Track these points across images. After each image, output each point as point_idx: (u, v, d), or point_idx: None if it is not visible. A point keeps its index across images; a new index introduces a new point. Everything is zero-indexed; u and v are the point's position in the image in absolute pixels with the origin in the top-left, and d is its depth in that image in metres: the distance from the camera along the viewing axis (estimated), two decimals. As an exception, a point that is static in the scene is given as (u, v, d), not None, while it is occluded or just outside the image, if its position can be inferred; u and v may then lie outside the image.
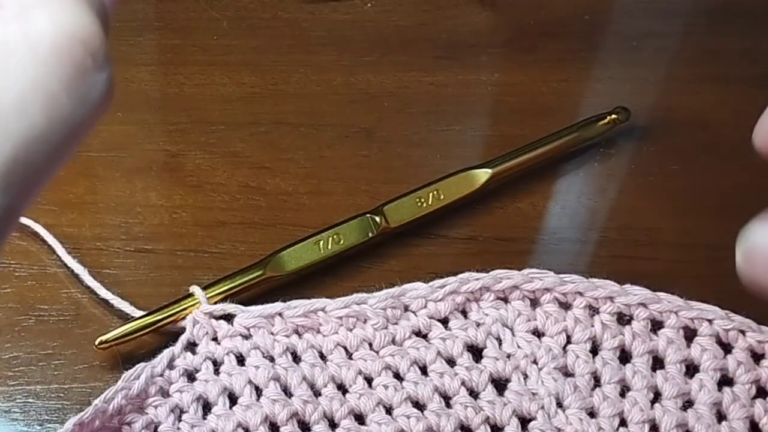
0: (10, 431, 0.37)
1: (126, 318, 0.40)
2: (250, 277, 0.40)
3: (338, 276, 0.42)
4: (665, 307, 0.38)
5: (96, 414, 0.35)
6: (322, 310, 0.38)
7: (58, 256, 0.42)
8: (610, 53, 0.55)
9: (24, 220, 0.43)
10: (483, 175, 0.45)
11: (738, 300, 0.40)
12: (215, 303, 0.39)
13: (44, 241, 0.43)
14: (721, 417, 0.36)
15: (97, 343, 0.38)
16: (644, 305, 0.38)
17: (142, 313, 0.39)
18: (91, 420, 0.34)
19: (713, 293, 0.41)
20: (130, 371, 0.36)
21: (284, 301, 0.39)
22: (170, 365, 0.37)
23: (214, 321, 0.38)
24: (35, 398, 0.38)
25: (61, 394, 0.38)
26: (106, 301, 0.41)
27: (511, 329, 0.38)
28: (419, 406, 0.36)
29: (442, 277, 0.40)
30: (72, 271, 0.41)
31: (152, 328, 0.38)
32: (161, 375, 0.36)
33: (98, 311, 0.41)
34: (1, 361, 0.39)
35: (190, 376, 0.37)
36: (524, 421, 0.36)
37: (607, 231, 0.45)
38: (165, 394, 0.36)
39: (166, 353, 0.37)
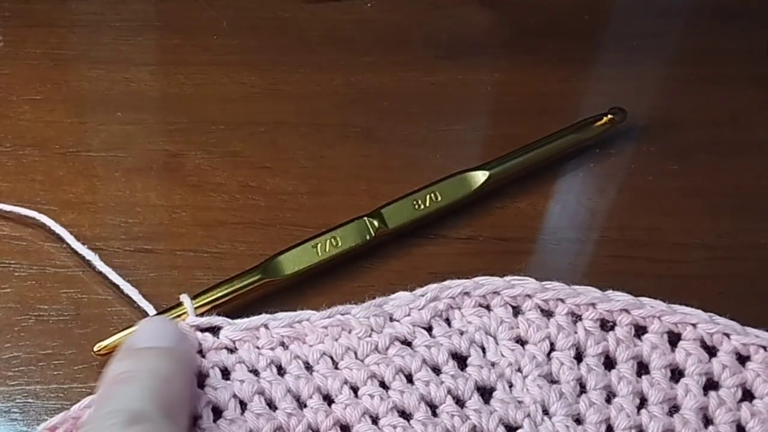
0: (9, 431, 0.37)
1: (131, 304, 0.40)
2: (247, 281, 0.40)
3: (338, 277, 0.42)
4: (648, 312, 0.38)
5: (66, 420, 0.35)
6: (307, 320, 0.38)
7: (68, 244, 0.42)
8: (610, 53, 0.55)
9: (28, 212, 0.43)
10: (480, 176, 0.45)
11: (738, 299, 0.41)
12: (212, 307, 0.39)
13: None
14: (707, 421, 0.36)
15: (96, 349, 0.38)
16: (627, 311, 0.38)
17: (147, 303, 0.39)
18: (61, 426, 0.34)
19: (713, 293, 0.42)
20: None
21: (282, 303, 0.39)
22: None
23: (199, 333, 0.38)
24: (35, 398, 0.38)
25: (61, 394, 0.38)
26: (106, 301, 0.41)
27: (494, 337, 0.38)
28: (405, 415, 0.36)
29: (442, 277, 0.40)
30: (83, 258, 0.41)
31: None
32: None
33: (98, 311, 0.41)
34: (1, 361, 0.39)
35: None
36: (511, 429, 0.36)
37: (607, 231, 0.45)
38: None
39: None
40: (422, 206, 0.44)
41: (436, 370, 0.37)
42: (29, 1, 0.55)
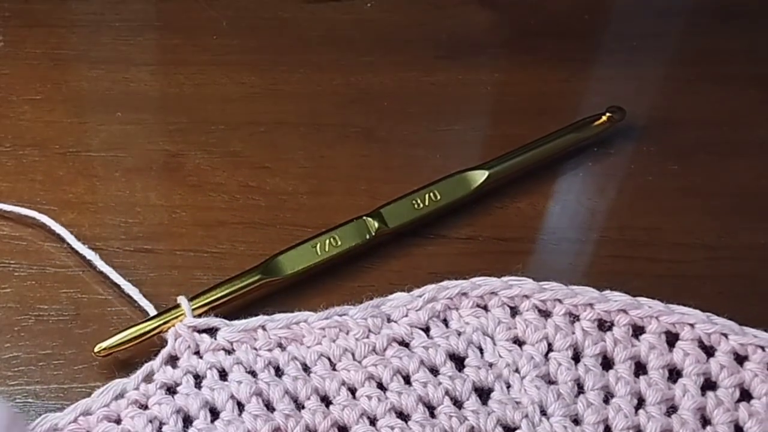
0: (9, 431, 0.37)
1: (131, 304, 0.40)
2: (247, 282, 0.40)
3: (338, 277, 0.42)
4: (646, 312, 0.38)
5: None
6: (305, 321, 0.38)
7: (68, 244, 0.42)
8: (610, 53, 0.55)
9: (28, 212, 0.43)
10: (480, 176, 0.45)
11: (738, 299, 0.41)
12: (211, 308, 0.39)
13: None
14: (705, 422, 0.36)
15: (96, 350, 0.38)
16: (624, 311, 0.38)
17: (148, 302, 0.39)
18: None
19: (713, 293, 0.42)
20: (101, 389, 0.36)
21: (281, 303, 0.39)
22: (148, 380, 0.36)
23: (196, 335, 0.38)
24: (35, 398, 0.38)
25: (61, 394, 0.38)
26: (106, 301, 0.41)
27: (492, 338, 0.38)
28: (403, 416, 0.36)
29: (442, 277, 0.40)
30: (83, 257, 0.42)
31: (143, 338, 0.38)
32: (136, 388, 0.36)
33: (98, 311, 0.41)
34: (1, 361, 0.39)
35: (170, 389, 0.36)
36: (509, 430, 0.36)
37: (607, 231, 0.45)
38: (143, 407, 0.36)
39: (144, 368, 0.37)
40: (422, 206, 0.44)
41: (434, 371, 0.37)
42: (29, 1, 0.55)
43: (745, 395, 0.37)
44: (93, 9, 0.55)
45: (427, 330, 0.38)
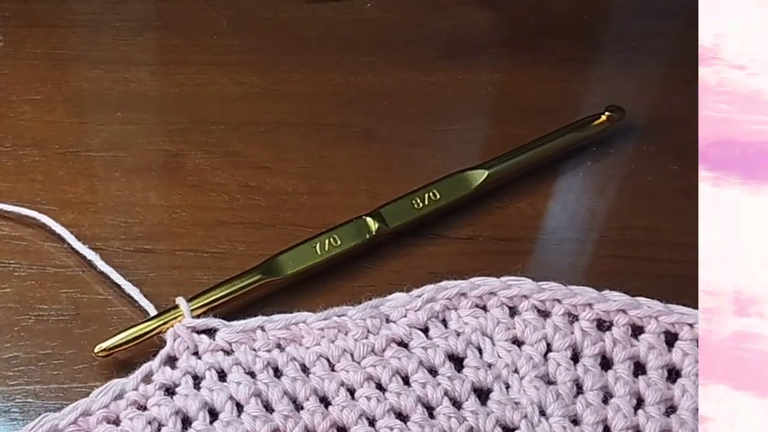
0: (9, 431, 0.37)
1: (131, 304, 0.40)
2: (247, 282, 0.40)
3: (338, 277, 0.42)
4: (645, 312, 0.38)
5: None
6: (303, 322, 0.38)
7: (68, 244, 0.42)
8: (610, 53, 0.55)
9: (28, 212, 0.43)
10: (479, 175, 0.45)
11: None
12: (210, 308, 0.39)
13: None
14: None
15: (96, 351, 0.38)
16: (623, 311, 0.38)
17: (148, 302, 0.39)
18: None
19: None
20: (99, 389, 0.36)
21: (281, 303, 0.39)
22: (147, 380, 0.36)
23: (195, 335, 0.38)
24: (35, 398, 0.38)
25: (61, 394, 0.38)
26: (106, 301, 0.41)
27: (491, 338, 0.38)
28: (402, 417, 0.36)
29: (441, 277, 0.40)
30: (83, 257, 0.42)
31: (142, 339, 0.38)
32: (136, 389, 0.36)
33: (98, 311, 0.41)
34: (1, 361, 0.39)
35: (169, 390, 0.36)
36: (508, 431, 0.36)
37: (607, 231, 0.45)
38: (141, 408, 0.36)
39: (143, 369, 0.37)
40: (421, 206, 0.44)
41: (433, 372, 0.37)
42: (29, 1, 0.56)
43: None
44: (93, 9, 0.55)
45: (426, 330, 0.38)
